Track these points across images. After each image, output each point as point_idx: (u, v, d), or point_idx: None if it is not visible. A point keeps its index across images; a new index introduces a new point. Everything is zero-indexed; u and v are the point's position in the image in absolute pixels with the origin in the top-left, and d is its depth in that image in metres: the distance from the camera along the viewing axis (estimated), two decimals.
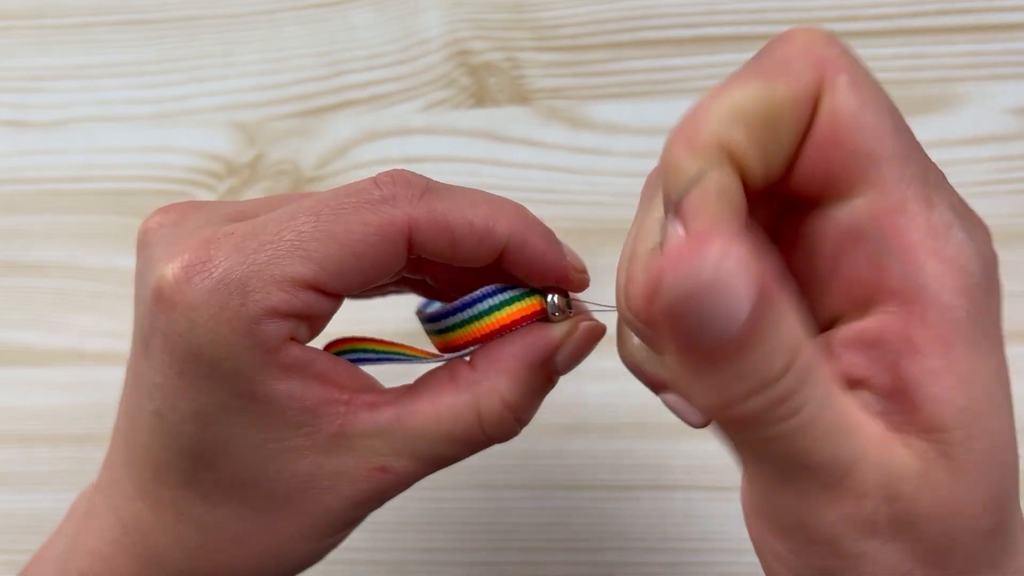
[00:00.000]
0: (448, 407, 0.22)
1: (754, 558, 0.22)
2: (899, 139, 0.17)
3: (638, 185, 0.22)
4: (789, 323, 0.15)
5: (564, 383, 0.24)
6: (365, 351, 0.24)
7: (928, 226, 0.16)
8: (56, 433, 0.41)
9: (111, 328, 0.41)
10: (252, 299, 0.19)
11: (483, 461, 0.39)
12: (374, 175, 0.21)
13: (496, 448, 0.23)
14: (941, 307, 0.16)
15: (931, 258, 0.16)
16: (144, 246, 0.22)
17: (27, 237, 0.42)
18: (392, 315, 0.30)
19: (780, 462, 0.16)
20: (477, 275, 0.23)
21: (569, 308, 0.23)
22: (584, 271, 0.23)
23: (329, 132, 0.40)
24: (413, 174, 0.21)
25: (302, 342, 0.21)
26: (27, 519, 0.41)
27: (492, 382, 0.22)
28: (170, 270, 0.19)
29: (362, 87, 0.40)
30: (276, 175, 0.41)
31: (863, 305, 0.17)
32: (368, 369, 0.24)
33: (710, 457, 0.37)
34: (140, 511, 0.22)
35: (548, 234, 0.23)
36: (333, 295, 0.21)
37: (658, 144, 0.40)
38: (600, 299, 0.24)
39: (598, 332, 0.24)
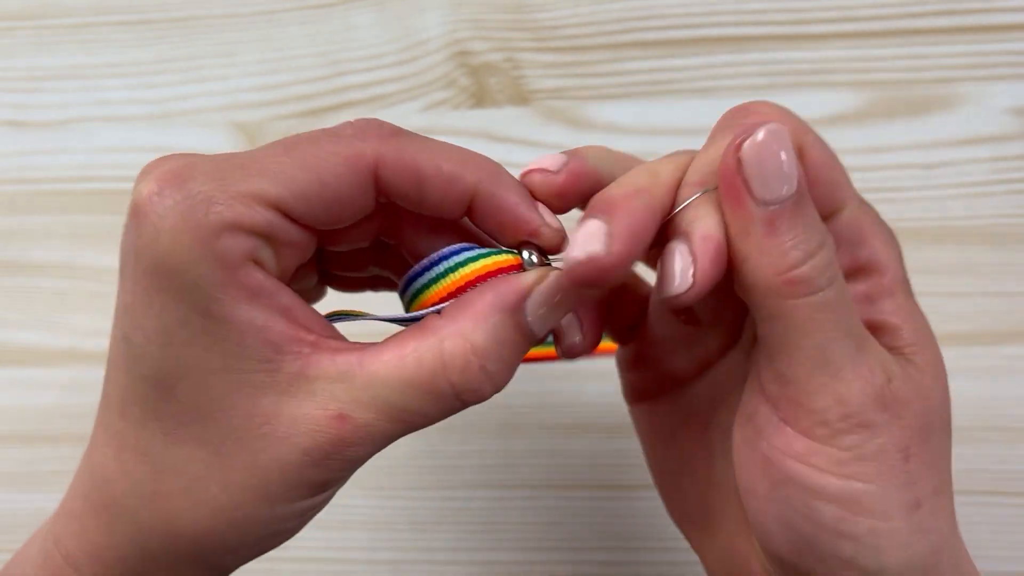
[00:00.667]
0: (412, 351, 0.21)
1: None
2: (845, 169, 0.23)
3: None
4: (816, 215, 0.21)
5: (564, 383, 0.24)
6: (348, 315, 0.23)
7: (869, 222, 0.23)
8: (56, 433, 0.41)
9: (111, 328, 0.41)
10: (215, 211, 0.19)
11: (483, 461, 0.40)
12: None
13: (496, 448, 0.23)
14: (889, 272, 0.23)
15: (877, 242, 0.23)
16: (136, 181, 0.22)
17: (27, 237, 0.42)
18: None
19: (823, 332, 0.20)
20: (449, 239, 0.23)
21: (547, 265, 0.22)
22: (560, 230, 0.22)
23: None
24: (386, 121, 0.22)
25: (266, 269, 0.21)
26: (27, 519, 0.41)
27: (458, 324, 0.21)
28: (145, 186, 0.20)
29: (362, 87, 0.40)
30: None
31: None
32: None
33: None
34: (106, 457, 0.22)
35: (520, 188, 0.22)
36: (298, 222, 0.21)
37: (657, 144, 0.40)
38: None
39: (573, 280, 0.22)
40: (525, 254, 0.22)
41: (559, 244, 0.23)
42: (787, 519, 0.21)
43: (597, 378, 0.38)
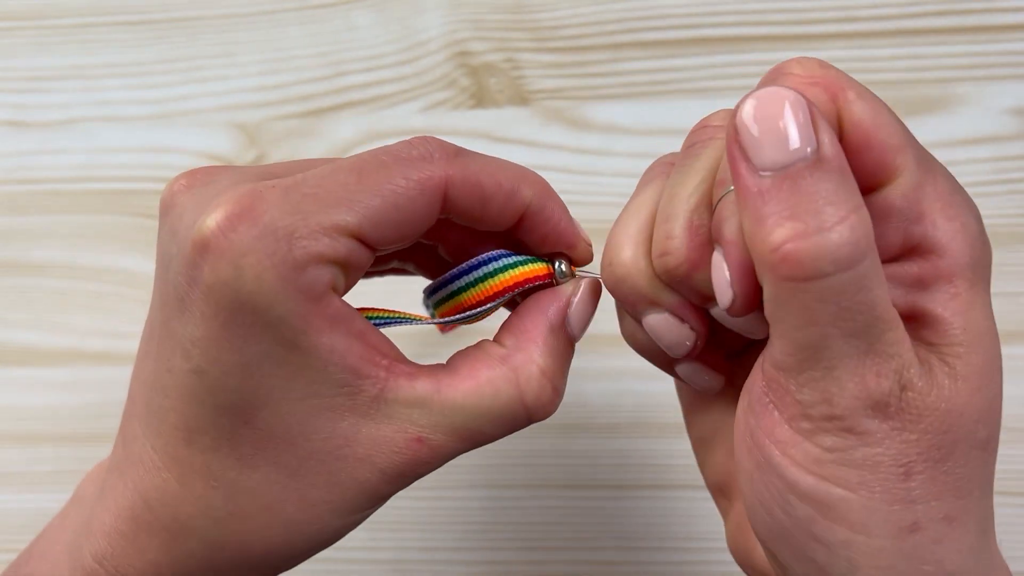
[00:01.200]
0: (487, 381, 0.22)
1: None
2: (904, 130, 0.20)
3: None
4: (853, 182, 0.18)
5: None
6: (372, 317, 0.24)
7: (936, 194, 0.20)
8: (57, 433, 0.41)
9: (111, 328, 0.41)
10: (299, 245, 0.19)
11: (483, 460, 0.40)
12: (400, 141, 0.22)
13: (496, 447, 0.23)
14: (950, 254, 0.20)
15: (941, 219, 0.20)
16: (171, 207, 0.21)
17: (27, 237, 0.42)
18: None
19: (819, 325, 0.18)
20: (488, 245, 0.24)
21: (573, 276, 0.24)
22: (591, 244, 0.24)
23: (330, 133, 0.40)
24: (442, 139, 0.22)
25: (340, 293, 0.21)
26: (28, 519, 0.41)
27: (525, 352, 0.23)
28: (213, 219, 0.19)
29: (363, 88, 0.40)
30: None
31: (889, 263, 0.20)
32: None
33: None
34: (166, 482, 0.22)
35: (562, 203, 0.24)
36: (370, 247, 0.21)
37: (657, 145, 0.40)
38: None
39: (598, 287, 0.24)
40: (557, 264, 0.24)
41: (590, 257, 0.24)
42: (767, 505, 0.20)
43: (597, 378, 0.38)
